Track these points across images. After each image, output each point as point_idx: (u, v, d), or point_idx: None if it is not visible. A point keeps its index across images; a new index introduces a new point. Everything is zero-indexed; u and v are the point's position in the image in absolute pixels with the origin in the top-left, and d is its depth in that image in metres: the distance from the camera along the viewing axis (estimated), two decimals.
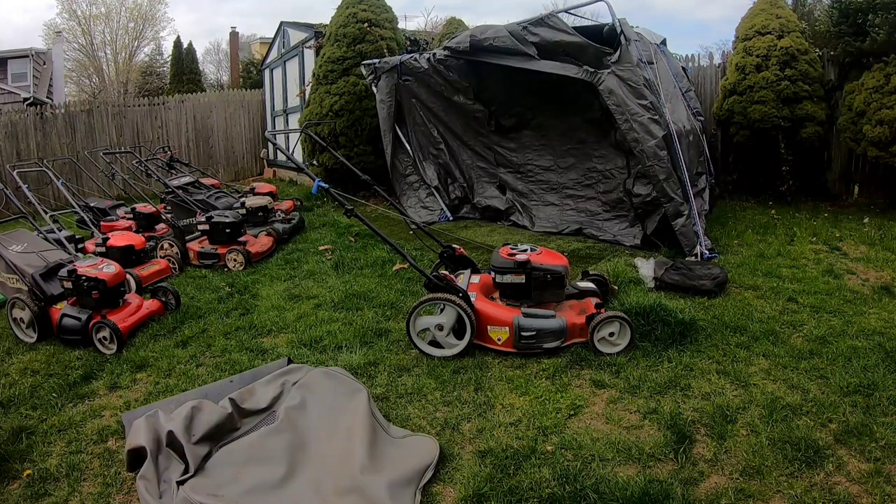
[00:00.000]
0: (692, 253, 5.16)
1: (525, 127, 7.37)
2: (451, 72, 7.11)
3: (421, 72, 7.27)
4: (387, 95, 7.55)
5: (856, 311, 3.99)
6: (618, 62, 5.45)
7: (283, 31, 11.95)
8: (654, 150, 5.28)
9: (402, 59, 7.47)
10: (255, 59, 22.22)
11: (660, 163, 5.28)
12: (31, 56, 15.60)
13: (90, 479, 2.63)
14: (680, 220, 5.30)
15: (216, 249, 5.96)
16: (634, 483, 2.35)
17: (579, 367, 3.37)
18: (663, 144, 5.31)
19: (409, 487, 2.38)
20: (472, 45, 6.19)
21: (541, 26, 5.86)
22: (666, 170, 5.30)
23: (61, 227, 6.17)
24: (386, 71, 7.49)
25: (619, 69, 5.43)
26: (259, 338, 4.09)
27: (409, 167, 7.93)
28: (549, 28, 5.83)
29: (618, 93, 5.40)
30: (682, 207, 5.31)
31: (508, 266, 3.71)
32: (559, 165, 7.14)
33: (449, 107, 7.49)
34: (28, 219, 5.51)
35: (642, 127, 5.32)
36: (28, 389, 3.48)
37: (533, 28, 5.88)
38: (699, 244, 5.16)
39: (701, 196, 6.07)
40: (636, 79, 5.38)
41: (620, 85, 5.41)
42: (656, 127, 5.31)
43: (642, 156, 5.36)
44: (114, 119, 12.60)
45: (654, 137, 5.29)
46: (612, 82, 5.43)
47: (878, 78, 6.35)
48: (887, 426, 2.65)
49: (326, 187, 3.87)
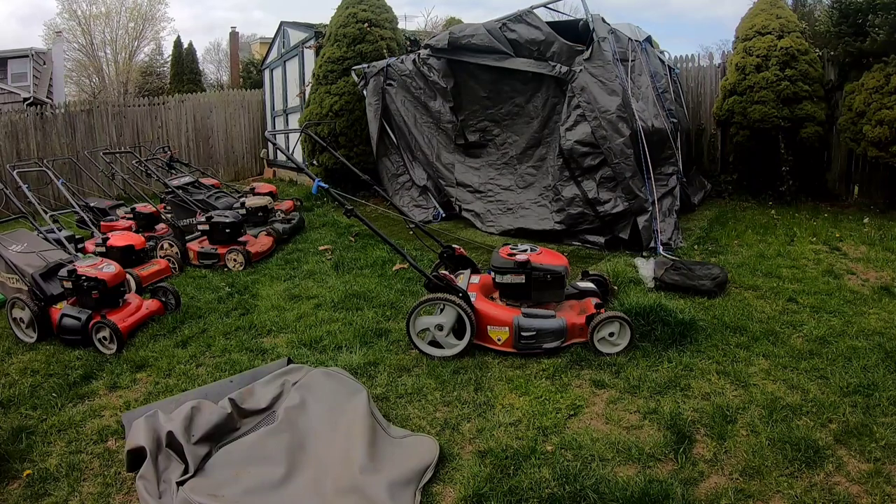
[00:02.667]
0: (647, 248, 5.32)
1: (489, 144, 6.93)
2: (433, 72, 7.04)
3: (405, 74, 7.32)
4: (374, 98, 7.66)
5: (856, 311, 3.99)
6: (590, 59, 5.50)
7: (283, 31, 11.96)
8: (622, 148, 5.37)
9: (388, 62, 7.58)
10: (255, 59, 22.21)
11: (626, 160, 5.38)
12: (31, 56, 15.61)
13: (90, 479, 2.63)
14: (643, 216, 5.41)
15: (216, 249, 5.96)
16: (634, 483, 2.35)
17: (579, 367, 3.37)
18: (630, 143, 5.40)
19: (409, 487, 2.38)
20: (450, 42, 6.27)
21: (519, 23, 5.97)
22: (632, 167, 5.40)
23: (61, 227, 6.16)
24: (374, 74, 7.65)
25: (591, 66, 5.48)
26: (259, 338, 4.09)
27: (400, 167, 7.97)
28: (526, 25, 5.93)
29: (589, 90, 5.45)
30: (646, 204, 5.42)
31: (508, 266, 3.71)
32: (517, 185, 6.63)
33: (422, 116, 7.42)
34: (28, 219, 5.51)
35: (611, 125, 5.39)
36: (28, 389, 3.48)
37: (511, 24, 5.99)
38: (655, 240, 5.31)
39: (671, 194, 6.17)
40: (608, 76, 5.43)
41: (592, 82, 5.47)
42: (624, 125, 5.39)
43: (609, 153, 5.43)
44: (114, 119, 12.60)
45: (622, 136, 5.37)
46: (584, 79, 5.49)
47: (878, 78, 6.35)
48: (887, 426, 2.65)
49: (326, 187, 3.87)
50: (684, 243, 5.75)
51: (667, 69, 8.00)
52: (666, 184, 6.30)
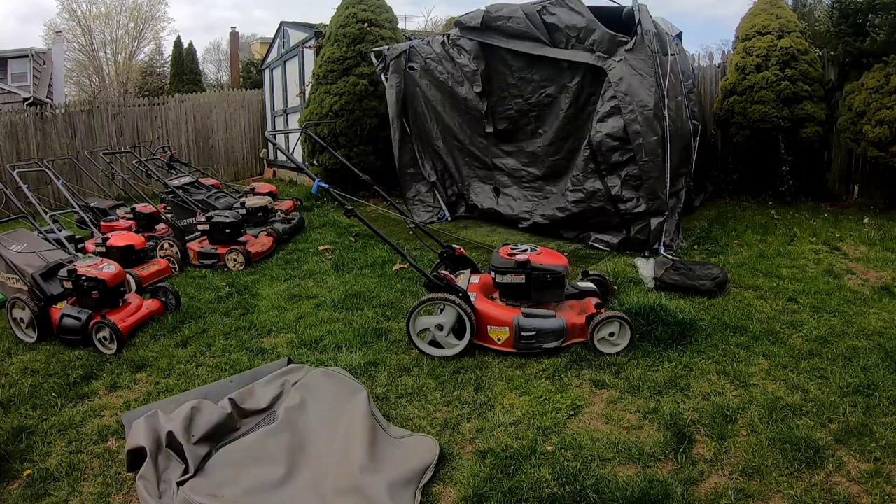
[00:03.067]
0: (650, 248, 5.29)
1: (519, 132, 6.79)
2: (463, 54, 6.68)
3: (430, 57, 7.02)
4: (396, 81, 7.36)
5: (856, 311, 3.99)
6: (632, 50, 5.21)
7: (283, 31, 11.95)
8: (654, 147, 5.18)
9: (411, 45, 7.25)
10: (255, 58, 22.21)
11: (655, 160, 5.22)
12: (31, 56, 15.61)
13: (90, 479, 2.63)
14: (658, 218, 5.33)
15: (216, 249, 5.96)
16: (634, 483, 2.35)
17: (579, 367, 3.37)
18: (661, 142, 5.25)
19: (409, 487, 2.38)
20: (484, 21, 5.94)
21: (560, 6, 5.64)
22: (659, 167, 5.26)
23: (61, 227, 6.16)
24: (394, 57, 7.35)
25: (632, 58, 5.20)
26: (259, 338, 4.09)
27: (410, 158, 7.79)
28: (567, 9, 5.60)
29: (627, 81, 5.18)
30: (663, 207, 5.35)
31: (508, 266, 3.71)
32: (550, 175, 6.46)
33: (449, 102, 7.19)
34: (28, 219, 5.51)
35: (647, 121, 5.16)
36: (28, 389, 3.48)
37: (552, 7, 5.66)
38: (660, 241, 5.28)
39: (677, 196, 6.10)
40: (648, 69, 5.17)
41: (632, 74, 5.19)
42: (658, 124, 5.19)
43: (640, 150, 5.22)
44: (114, 119, 12.59)
45: (656, 134, 5.17)
46: (624, 70, 5.21)
47: (878, 78, 6.35)
48: (887, 426, 2.65)
49: (326, 187, 3.87)
50: (684, 243, 5.74)
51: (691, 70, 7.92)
52: (676, 185, 6.19)
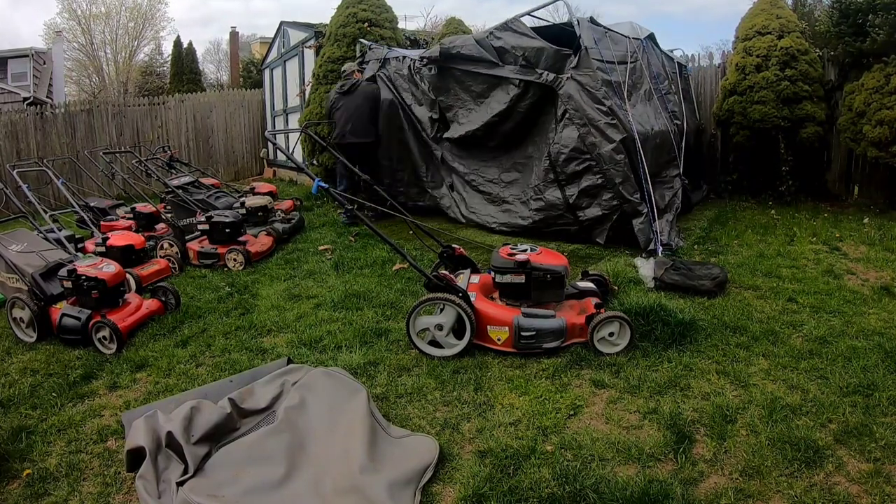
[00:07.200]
0: (647, 249, 5.33)
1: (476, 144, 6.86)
2: (424, 82, 7.07)
3: (400, 74, 7.36)
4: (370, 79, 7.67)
5: (856, 311, 3.99)
6: (576, 67, 5.56)
7: (283, 30, 11.95)
8: (611, 155, 5.41)
9: (387, 55, 7.56)
10: (255, 58, 22.23)
11: (615, 166, 5.42)
12: (31, 56, 15.60)
13: (90, 479, 2.63)
14: (638, 219, 5.44)
15: (216, 249, 5.96)
16: (634, 483, 2.35)
17: (579, 367, 3.37)
18: (621, 148, 5.42)
19: (409, 487, 2.38)
20: (441, 53, 6.44)
21: (505, 31, 6.05)
22: (622, 173, 5.42)
23: (61, 226, 6.16)
24: (372, 59, 7.73)
25: (578, 74, 5.53)
26: (259, 338, 4.09)
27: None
28: (512, 32, 6.00)
29: (576, 98, 5.52)
30: (640, 207, 5.44)
31: (508, 266, 3.71)
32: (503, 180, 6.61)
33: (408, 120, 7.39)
34: (28, 218, 5.51)
35: (599, 132, 5.44)
36: (28, 389, 3.48)
37: (498, 33, 6.08)
38: (655, 242, 5.33)
39: (675, 195, 6.24)
40: (594, 83, 5.47)
41: (579, 90, 5.52)
42: (613, 131, 5.41)
43: (599, 159, 5.48)
44: (114, 119, 12.59)
45: (612, 142, 5.40)
46: (572, 87, 5.55)
47: (878, 78, 6.35)
48: (887, 426, 2.65)
49: (326, 187, 3.88)
50: (684, 243, 5.75)
51: (675, 67, 7.95)
52: (671, 185, 6.33)
